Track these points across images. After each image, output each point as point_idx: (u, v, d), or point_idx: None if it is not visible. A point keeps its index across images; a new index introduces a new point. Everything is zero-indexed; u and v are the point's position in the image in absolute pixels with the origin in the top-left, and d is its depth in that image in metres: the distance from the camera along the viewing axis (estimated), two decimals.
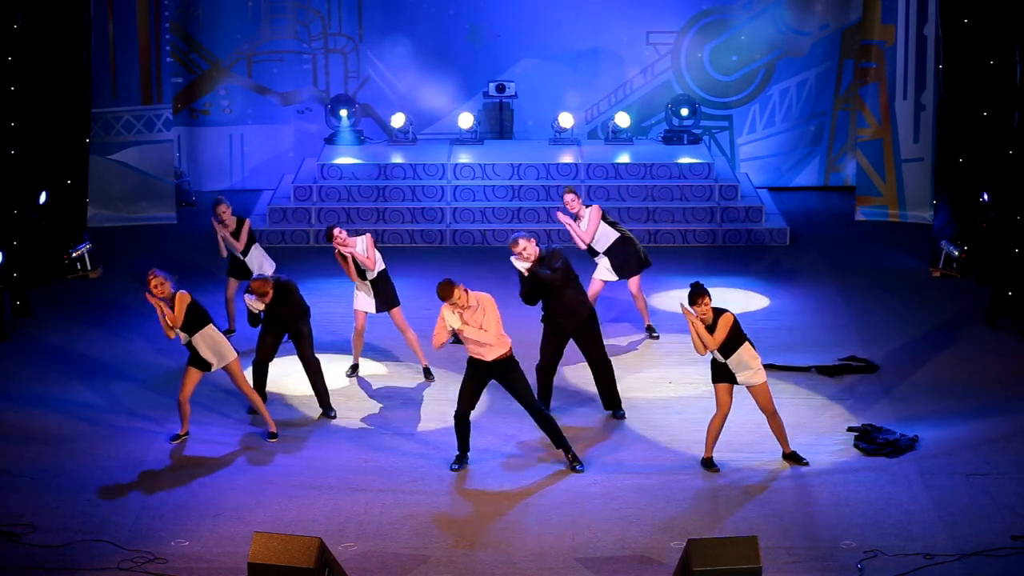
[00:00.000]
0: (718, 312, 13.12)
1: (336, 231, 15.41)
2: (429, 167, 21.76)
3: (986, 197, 18.63)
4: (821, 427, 14.24)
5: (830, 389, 15.32)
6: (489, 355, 13.23)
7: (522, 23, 23.53)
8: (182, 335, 13.74)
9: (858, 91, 22.37)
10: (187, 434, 14.06)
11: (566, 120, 22.92)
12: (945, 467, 13.32)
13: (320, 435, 14.26)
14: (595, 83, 23.68)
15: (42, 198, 18.73)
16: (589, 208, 16.59)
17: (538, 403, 13.56)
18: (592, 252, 16.66)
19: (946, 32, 19.27)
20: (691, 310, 13.08)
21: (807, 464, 13.36)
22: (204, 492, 12.92)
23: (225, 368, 13.92)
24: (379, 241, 20.93)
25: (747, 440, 13.92)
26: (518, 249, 14.41)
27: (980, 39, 18.80)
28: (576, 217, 16.65)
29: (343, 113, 22.70)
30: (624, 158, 22.11)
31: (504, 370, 13.31)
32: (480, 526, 12.28)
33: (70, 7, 19.18)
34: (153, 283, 13.64)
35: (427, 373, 15.78)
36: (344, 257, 15.46)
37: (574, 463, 13.40)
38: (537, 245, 14.48)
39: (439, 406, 14.96)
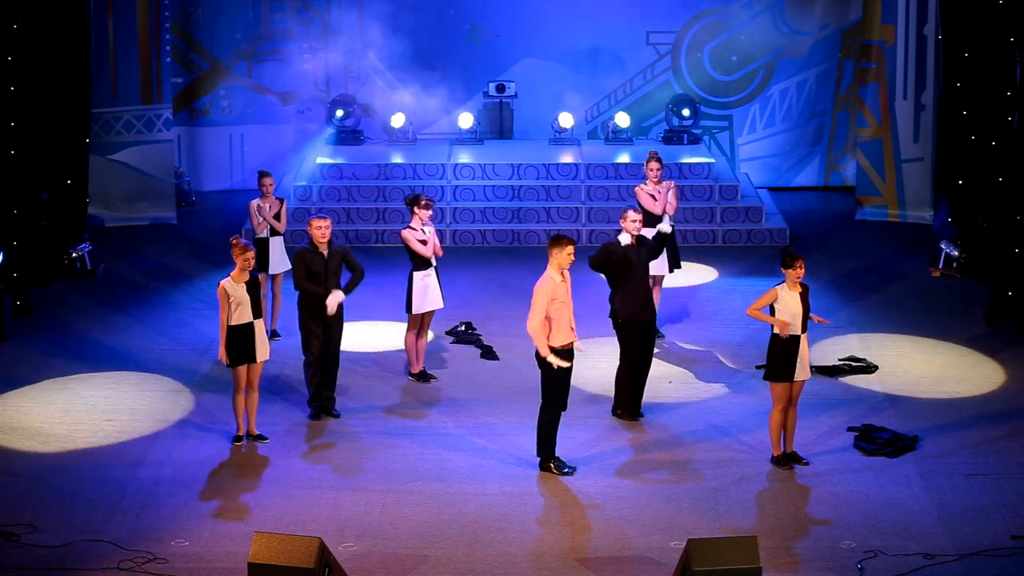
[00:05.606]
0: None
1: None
2: (429, 167, 21.76)
3: (985, 197, 18.64)
4: (821, 427, 14.23)
5: (830, 389, 15.31)
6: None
7: (522, 23, 23.54)
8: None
9: (858, 91, 22.38)
10: (244, 435, 14.05)
11: (566, 120, 22.92)
12: (945, 467, 13.32)
13: (321, 435, 14.25)
14: (595, 83, 23.68)
15: (42, 198, 18.72)
16: (670, 181, 17.04)
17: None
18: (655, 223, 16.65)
19: (946, 32, 19.27)
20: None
21: (807, 464, 13.35)
22: (204, 492, 12.92)
23: (254, 363, 13.85)
24: (379, 241, 21.05)
25: (747, 440, 13.92)
26: (630, 220, 14.38)
27: (980, 39, 18.81)
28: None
29: (339, 113, 22.72)
30: (624, 158, 22.11)
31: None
32: (480, 526, 12.27)
33: (70, 7, 19.17)
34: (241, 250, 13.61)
35: (424, 375, 15.73)
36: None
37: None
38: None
39: (439, 407, 14.96)
